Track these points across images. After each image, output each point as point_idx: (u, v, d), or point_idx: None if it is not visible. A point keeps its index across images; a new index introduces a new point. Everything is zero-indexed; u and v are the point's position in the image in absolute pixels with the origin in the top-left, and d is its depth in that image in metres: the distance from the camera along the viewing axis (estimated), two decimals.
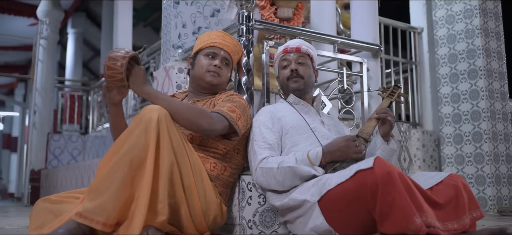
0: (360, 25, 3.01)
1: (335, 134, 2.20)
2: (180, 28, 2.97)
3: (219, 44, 2.20)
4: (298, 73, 2.21)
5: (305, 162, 1.96)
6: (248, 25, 2.37)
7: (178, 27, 2.96)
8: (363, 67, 2.75)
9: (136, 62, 1.93)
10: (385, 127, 2.14)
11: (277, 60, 2.29)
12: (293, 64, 2.22)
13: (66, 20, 10.28)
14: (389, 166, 1.64)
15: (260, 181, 2.05)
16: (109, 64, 1.85)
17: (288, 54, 2.25)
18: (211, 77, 2.16)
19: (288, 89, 2.24)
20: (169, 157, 1.76)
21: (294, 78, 2.21)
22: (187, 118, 1.88)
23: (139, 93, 1.92)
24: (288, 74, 2.22)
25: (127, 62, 1.84)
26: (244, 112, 2.08)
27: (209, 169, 2.04)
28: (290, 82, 2.22)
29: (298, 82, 2.21)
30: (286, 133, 2.12)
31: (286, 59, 2.25)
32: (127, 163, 1.70)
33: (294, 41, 2.29)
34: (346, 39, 2.80)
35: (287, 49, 2.26)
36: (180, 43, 2.97)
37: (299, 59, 2.24)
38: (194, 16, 3.01)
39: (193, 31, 3.01)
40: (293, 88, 2.22)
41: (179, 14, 2.97)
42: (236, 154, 2.15)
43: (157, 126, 1.75)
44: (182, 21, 2.98)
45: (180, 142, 1.84)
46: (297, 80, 2.21)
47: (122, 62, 1.84)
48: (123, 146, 1.74)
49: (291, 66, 2.22)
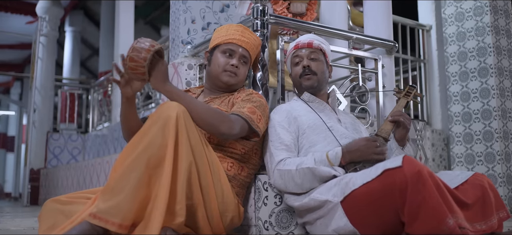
0: (373, 22, 2.95)
1: (353, 132, 2.13)
2: (189, 24, 2.89)
3: (237, 40, 2.10)
4: (311, 69, 2.14)
5: (324, 162, 1.90)
6: (263, 19, 2.30)
7: (187, 23, 2.88)
8: (378, 64, 2.68)
9: (160, 56, 1.83)
10: (400, 130, 2.07)
11: (289, 56, 2.22)
12: (305, 60, 2.14)
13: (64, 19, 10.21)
14: (418, 165, 1.58)
15: (278, 183, 1.98)
16: (132, 55, 1.73)
17: (300, 50, 2.17)
18: (228, 77, 2.08)
19: (301, 87, 2.17)
20: (187, 157, 1.69)
21: (307, 75, 2.13)
22: (206, 120, 1.81)
23: (159, 89, 1.83)
24: (300, 71, 2.15)
25: (151, 55, 1.74)
26: (264, 112, 2.01)
27: (226, 169, 1.97)
28: (303, 80, 2.14)
29: (311, 79, 2.14)
30: (303, 133, 2.05)
31: (298, 55, 2.17)
32: (144, 162, 1.63)
33: (305, 36, 2.22)
34: (362, 35, 2.73)
35: (299, 45, 2.18)
36: (189, 39, 2.89)
37: (311, 55, 2.16)
38: (204, 12, 2.93)
39: (202, 27, 2.93)
40: (307, 86, 2.14)
41: (188, 9, 2.89)
42: (254, 154, 2.08)
43: (175, 124, 1.67)
44: (191, 16, 2.90)
45: (199, 141, 1.77)
46: (310, 77, 2.13)
47: (146, 55, 1.72)
48: (139, 144, 1.66)
49: (303, 62, 2.14)
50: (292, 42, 2.23)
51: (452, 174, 1.94)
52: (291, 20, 2.47)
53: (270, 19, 2.32)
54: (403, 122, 2.04)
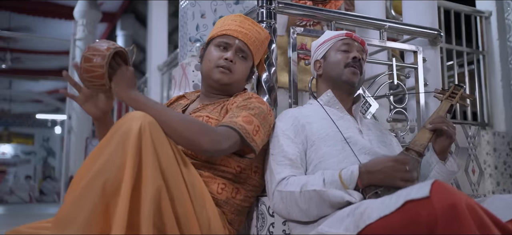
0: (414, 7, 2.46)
1: (378, 147, 1.70)
2: (198, 18, 2.54)
3: (233, 31, 1.74)
4: (361, 64, 1.75)
5: (337, 184, 1.48)
6: (269, 7, 1.90)
7: (196, 17, 2.54)
8: (418, 57, 2.21)
9: (124, 60, 1.51)
10: (441, 141, 1.63)
11: (332, 40, 1.80)
12: (357, 52, 1.75)
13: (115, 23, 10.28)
14: (452, 195, 1.13)
15: (278, 208, 1.59)
16: (88, 55, 1.43)
17: (353, 41, 1.78)
18: (220, 74, 1.71)
19: (340, 77, 1.75)
20: (154, 180, 1.32)
21: (355, 67, 1.73)
22: (182, 134, 1.44)
23: (123, 97, 1.50)
24: (348, 60, 1.74)
25: (111, 54, 1.43)
26: (264, 122, 1.62)
27: (216, 192, 1.60)
28: (348, 70, 1.73)
29: (357, 74, 1.74)
30: (311, 144, 1.64)
31: (349, 43, 1.77)
32: (98, 188, 1.28)
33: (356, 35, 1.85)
34: (396, 23, 2.28)
35: (353, 35, 1.80)
36: (198, 36, 2.54)
37: (361, 53, 1.77)
38: (215, 4, 2.57)
39: (213, 22, 2.57)
40: (349, 80, 1.73)
41: (197, 2, 2.54)
42: (253, 173, 1.70)
43: (138, 138, 1.32)
44: (200, 10, 2.55)
45: (172, 159, 1.40)
46: (356, 71, 1.73)
47: (105, 54, 1.42)
48: (94, 164, 1.33)
49: (354, 53, 1.75)
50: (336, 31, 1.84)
51: (509, 200, 1.47)
52: (307, 7, 2.05)
53: (278, 7, 1.92)
54: (446, 131, 1.60)
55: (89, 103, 1.57)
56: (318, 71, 1.81)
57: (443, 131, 1.61)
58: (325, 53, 1.80)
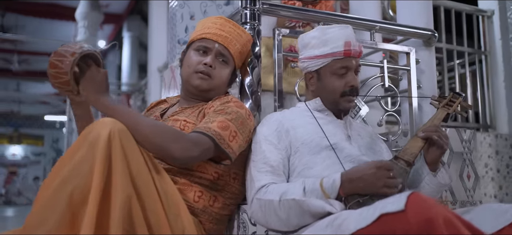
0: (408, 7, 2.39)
1: (367, 154, 1.63)
2: (187, 20, 2.49)
3: (213, 35, 1.68)
4: (358, 91, 1.65)
5: (317, 193, 1.42)
6: (253, 9, 1.84)
7: (184, 19, 2.48)
8: (410, 58, 2.14)
9: (96, 63, 1.46)
10: (432, 151, 1.55)
11: (328, 59, 1.61)
12: (353, 77, 1.63)
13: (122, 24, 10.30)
14: (429, 209, 1.06)
15: (257, 217, 1.52)
16: (53, 60, 1.38)
17: (350, 60, 1.62)
18: (199, 80, 1.66)
19: (335, 106, 1.65)
20: (124, 188, 1.27)
21: (352, 97, 1.64)
22: (152, 141, 1.38)
23: (92, 102, 1.45)
24: (345, 87, 1.62)
25: (76, 59, 1.37)
26: (242, 127, 1.56)
27: (192, 200, 1.55)
28: (344, 100, 1.63)
29: (353, 101, 1.66)
30: (295, 151, 1.57)
31: (347, 66, 1.62)
32: (65, 197, 1.23)
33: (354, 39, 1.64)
34: (387, 23, 2.20)
35: (351, 51, 1.61)
36: (187, 38, 2.48)
37: (358, 68, 1.66)
38: (205, 5, 2.52)
39: None
40: (344, 109, 1.65)
41: (186, 3, 2.48)
42: (232, 180, 1.64)
43: (107, 146, 1.27)
44: (189, 11, 2.49)
45: (143, 167, 1.34)
46: (353, 99, 1.65)
47: (70, 59, 1.36)
48: (62, 171, 1.28)
49: (351, 79, 1.62)
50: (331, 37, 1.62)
51: (498, 210, 1.41)
52: (294, 8, 1.98)
53: (262, 8, 1.86)
54: (438, 141, 1.52)
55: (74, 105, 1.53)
56: (310, 85, 1.69)
57: (435, 141, 1.54)
58: (319, 70, 1.65)
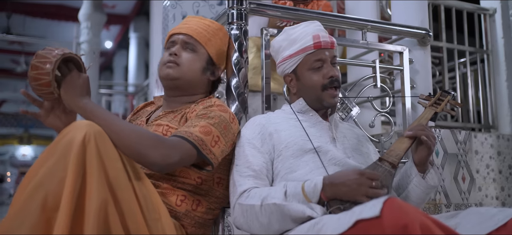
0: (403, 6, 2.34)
1: (351, 157, 1.59)
2: (180, 20, 2.46)
3: (177, 29, 1.70)
4: (339, 81, 1.60)
5: (299, 197, 1.39)
6: (240, 8, 1.81)
7: (177, 19, 2.46)
8: (403, 57, 2.10)
9: (77, 67, 1.44)
10: (421, 151, 1.52)
11: (300, 55, 1.60)
12: (331, 68, 1.59)
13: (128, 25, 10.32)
14: (405, 215, 1.03)
15: (239, 222, 1.49)
16: (35, 62, 1.37)
17: (323, 52, 1.59)
18: (167, 69, 1.65)
19: (319, 101, 1.61)
20: (99, 193, 1.24)
21: (334, 88, 1.59)
22: (129, 146, 1.35)
23: (71, 105, 1.42)
24: (325, 81, 1.58)
25: (57, 61, 1.35)
26: (226, 131, 1.53)
27: (175, 204, 1.53)
28: (327, 95, 1.58)
29: (337, 95, 1.61)
30: (278, 154, 1.54)
31: (321, 58, 1.59)
32: (39, 202, 1.21)
33: (322, 31, 1.63)
34: (380, 23, 2.16)
35: (321, 43, 1.58)
36: None
37: (334, 59, 1.61)
38: (197, 6, 2.49)
39: None
40: (331, 104, 1.60)
41: (178, 3, 2.46)
42: (215, 185, 1.61)
43: (81, 149, 1.24)
44: (182, 11, 2.47)
45: (121, 171, 1.32)
46: (337, 93, 1.60)
47: (52, 60, 1.35)
48: (38, 173, 1.27)
49: (329, 70, 1.58)
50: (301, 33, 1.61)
51: (486, 214, 1.37)
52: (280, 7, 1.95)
53: (249, 7, 1.83)
54: (425, 141, 1.49)
55: (51, 117, 1.49)
56: (292, 88, 1.66)
57: (422, 140, 1.50)
58: (296, 69, 1.63)
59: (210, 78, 1.70)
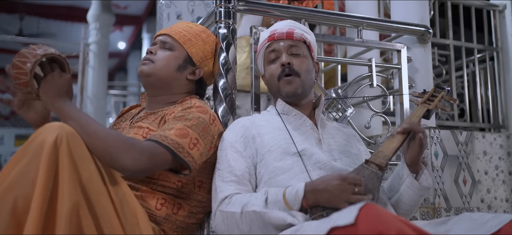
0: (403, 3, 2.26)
1: (338, 159, 1.52)
2: (174, 20, 2.42)
3: (160, 31, 1.72)
4: (293, 68, 1.55)
5: (280, 204, 1.33)
6: (228, 6, 1.76)
7: (171, 19, 2.42)
8: (401, 55, 2.02)
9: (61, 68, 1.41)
10: (412, 149, 1.45)
11: (261, 52, 1.64)
12: (285, 56, 1.57)
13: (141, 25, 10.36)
14: (381, 223, 0.96)
15: (220, 229, 1.43)
16: (16, 61, 1.35)
17: (277, 43, 1.59)
18: (141, 66, 1.64)
19: (279, 93, 1.59)
20: (71, 196, 1.20)
21: (288, 77, 1.56)
22: (101, 149, 1.30)
23: (49, 106, 1.40)
24: (278, 70, 1.56)
25: (37, 61, 1.33)
26: (205, 133, 1.48)
27: (154, 208, 1.48)
28: (282, 84, 1.56)
29: (294, 82, 1.55)
30: (261, 158, 1.48)
31: (275, 49, 1.59)
32: (9, 205, 1.18)
33: (282, 23, 1.63)
34: (376, 20, 2.08)
35: (275, 34, 1.59)
36: None
37: (292, 49, 1.58)
38: (192, 4, 2.44)
39: None
40: (288, 93, 1.56)
41: (173, 2, 2.41)
42: (197, 188, 1.56)
43: (53, 151, 1.21)
44: (176, 11, 2.42)
45: (95, 174, 1.27)
46: (291, 79, 1.55)
47: (32, 60, 1.33)
48: (9, 175, 1.23)
49: (282, 59, 1.57)
50: (264, 31, 1.67)
51: (479, 220, 1.30)
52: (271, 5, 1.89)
53: (238, 5, 1.77)
54: (418, 139, 1.42)
55: (25, 107, 1.47)
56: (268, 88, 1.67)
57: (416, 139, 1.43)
58: (262, 66, 1.67)
59: (188, 77, 1.65)
